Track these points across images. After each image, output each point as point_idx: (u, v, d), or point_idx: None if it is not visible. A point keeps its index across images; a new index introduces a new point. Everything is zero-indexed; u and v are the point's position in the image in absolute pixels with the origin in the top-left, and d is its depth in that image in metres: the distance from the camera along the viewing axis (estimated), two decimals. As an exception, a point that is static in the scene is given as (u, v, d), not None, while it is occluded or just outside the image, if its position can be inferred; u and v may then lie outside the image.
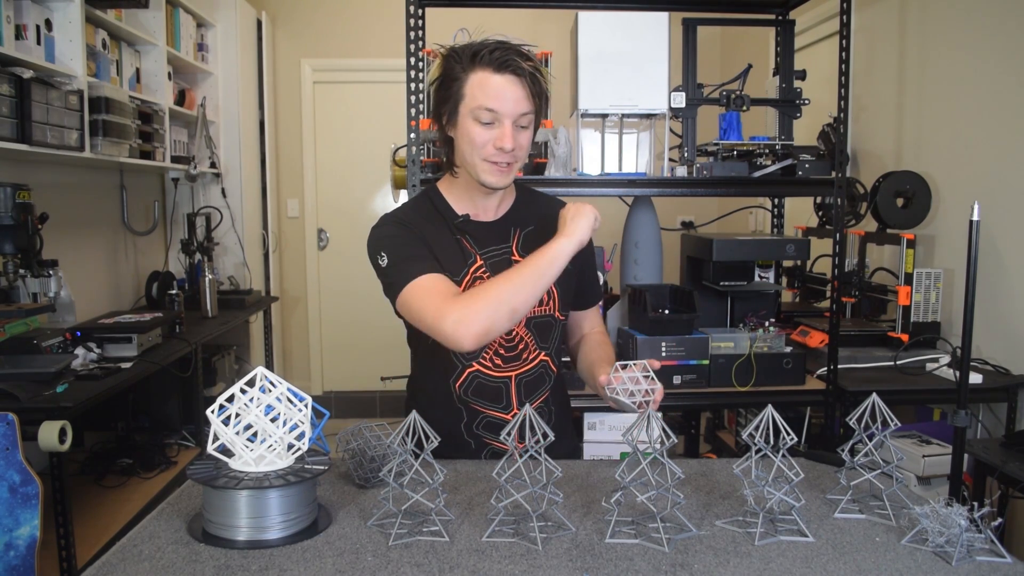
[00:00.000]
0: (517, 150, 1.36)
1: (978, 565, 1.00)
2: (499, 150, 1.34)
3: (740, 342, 2.29)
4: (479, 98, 1.33)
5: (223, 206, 3.89)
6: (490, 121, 1.33)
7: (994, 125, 2.41)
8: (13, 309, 2.27)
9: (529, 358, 1.47)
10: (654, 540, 1.06)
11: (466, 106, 1.35)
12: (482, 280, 1.40)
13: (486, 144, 1.34)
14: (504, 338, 1.44)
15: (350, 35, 4.67)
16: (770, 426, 1.10)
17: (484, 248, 1.45)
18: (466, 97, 1.34)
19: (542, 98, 1.38)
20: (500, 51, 1.33)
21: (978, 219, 1.47)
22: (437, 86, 1.40)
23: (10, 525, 1.70)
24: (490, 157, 1.35)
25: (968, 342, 1.53)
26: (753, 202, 3.32)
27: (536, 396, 1.48)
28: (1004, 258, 2.37)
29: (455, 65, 1.36)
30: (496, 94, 1.32)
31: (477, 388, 1.45)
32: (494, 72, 1.32)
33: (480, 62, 1.33)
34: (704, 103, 2.38)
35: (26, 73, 2.22)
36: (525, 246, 1.47)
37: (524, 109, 1.34)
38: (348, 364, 4.90)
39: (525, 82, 1.33)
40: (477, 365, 1.44)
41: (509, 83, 1.32)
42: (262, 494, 1.05)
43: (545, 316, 1.48)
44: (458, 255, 1.43)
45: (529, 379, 1.47)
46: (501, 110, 1.32)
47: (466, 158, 1.38)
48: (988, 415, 2.40)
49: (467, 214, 1.46)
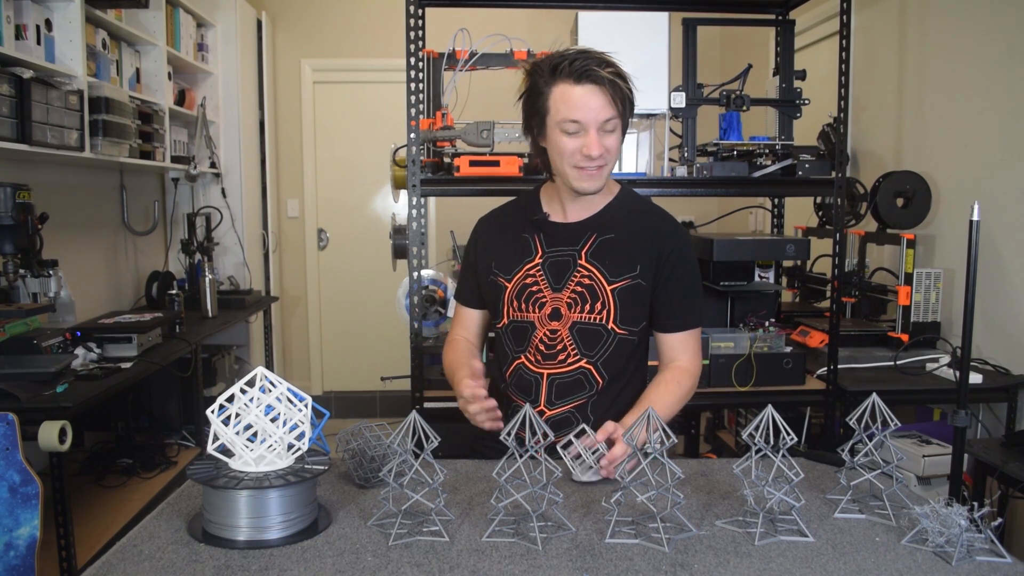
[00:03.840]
0: (605, 154, 1.41)
1: (978, 565, 1.00)
2: (587, 157, 1.39)
3: (740, 342, 2.29)
4: (563, 111, 1.38)
5: (223, 206, 3.89)
6: (576, 131, 1.39)
7: (994, 125, 2.41)
8: (13, 309, 2.27)
9: (567, 361, 1.49)
10: (654, 540, 1.06)
11: (552, 119, 1.40)
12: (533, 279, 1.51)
13: (575, 153, 1.40)
14: (546, 335, 1.49)
15: (350, 35, 4.67)
16: (770, 426, 1.10)
17: (551, 247, 1.51)
18: (551, 111, 1.40)
19: (625, 102, 1.41)
20: (579, 61, 1.37)
21: (978, 219, 1.47)
22: (524, 100, 1.46)
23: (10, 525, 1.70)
24: (579, 164, 1.41)
25: (968, 342, 1.53)
26: (753, 202, 3.32)
27: (568, 400, 1.49)
28: (1004, 258, 2.37)
29: (538, 79, 1.41)
30: (579, 105, 1.37)
31: (518, 380, 1.52)
32: (575, 84, 1.37)
33: (561, 75, 1.38)
34: (704, 103, 2.38)
35: (26, 73, 2.22)
36: (597, 254, 1.49)
37: (607, 115, 1.38)
38: (348, 364, 4.90)
39: (606, 89, 1.37)
40: (523, 358, 1.51)
41: (590, 92, 1.37)
42: (262, 494, 1.05)
43: (593, 324, 1.48)
44: (519, 252, 1.52)
45: (564, 381, 1.49)
46: (585, 119, 1.38)
47: (557, 167, 1.45)
48: (988, 415, 2.39)
49: (546, 213, 1.53)
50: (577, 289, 1.48)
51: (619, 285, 1.47)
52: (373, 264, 4.71)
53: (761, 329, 2.32)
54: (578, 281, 1.48)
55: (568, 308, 1.48)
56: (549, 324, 1.48)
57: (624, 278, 1.48)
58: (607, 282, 1.48)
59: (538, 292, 1.49)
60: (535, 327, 1.49)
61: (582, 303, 1.47)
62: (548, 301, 1.48)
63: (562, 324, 1.48)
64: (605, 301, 1.47)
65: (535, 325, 1.49)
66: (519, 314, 1.51)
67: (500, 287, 1.53)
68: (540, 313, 1.49)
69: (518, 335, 1.52)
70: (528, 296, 1.50)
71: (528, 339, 1.50)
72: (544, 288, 1.49)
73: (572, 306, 1.48)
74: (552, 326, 1.48)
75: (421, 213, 2.17)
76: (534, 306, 1.49)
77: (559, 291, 1.48)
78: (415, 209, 2.16)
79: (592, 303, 1.47)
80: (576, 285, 1.48)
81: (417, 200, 2.16)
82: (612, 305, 1.47)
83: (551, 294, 1.48)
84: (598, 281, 1.48)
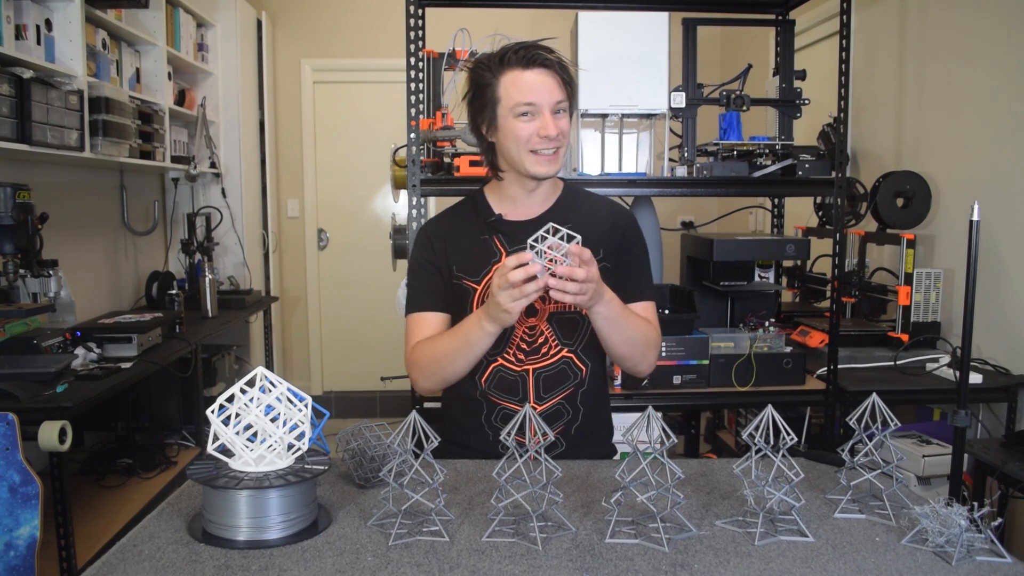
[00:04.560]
0: (560, 135, 1.42)
1: (978, 565, 1.00)
2: (544, 138, 1.41)
3: (740, 342, 2.29)
4: (515, 95, 1.40)
5: (223, 206, 3.89)
6: (529, 115, 1.40)
7: (994, 125, 2.41)
8: (13, 309, 2.27)
9: (550, 353, 1.49)
10: (654, 540, 1.06)
11: (504, 107, 1.42)
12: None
13: (531, 136, 1.41)
14: (526, 332, 1.49)
15: (350, 35, 4.68)
16: (770, 426, 1.10)
17: (514, 245, 1.49)
18: (502, 98, 1.41)
19: (571, 86, 1.45)
20: (524, 49, 1.41)
21: (978, 219, 1.47)
22: (471, 99, 1.47)
23: (10, 525, 1.70)
24: (536, 147, 1.42)
25: (968, 342, 1.53)
26: (753, 202, 3.32)
27: (556, 392, 1.50)
28: (1004, 258, 2.37)
29: (484, 73, 1.43)
30: (531, 87, 1.40)
31: (499, 382, 1.50)
32: (524, 69, 1.40)
33: (508, 63, 1.41)
34: (704, 103, 2.38)
35: (26, 73, 2.22)
36: None
37: (559, 97, 1.42)
38: (348, 364, 4.90)
39: (554, 72, 1.41)
40: (501, 360, 1.49)
41: (540, 75, 1.40)
42: (262, 494, 1.05)
43: (570, 312, 1.49)
44: (483, 255, 1.50)
45: (549, 374, 1.49)
46: (539, 101, 1.40)
47: (513, 155, 1.44)
48: (988, 415, 2.40)
49: (500, 214, 1.52)
50: None
51: None
52: (373, 264, 4.71)
53: (761, 329, 2.32)
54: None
55: (543, 301, 1.47)
56: (527, 321, 1.48)
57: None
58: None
59: None
60: (513, 327, 1.47)
61: None
62: None
63: (538, 318, 1.48)
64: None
65: (513, 325, 1.47)
66: None
67: (468, 290, 1.50)
68: None
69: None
70: None
71: (505, 340, 1.48)
72: None
73: (546, 298, 1.47)
74: (530, 322, 1.48)
75: (421, 213, 2.17)
76: None
77: None
78: (415, 209, 2.16)
79: None
80: None
81: (417, 200, 2.16)
82: None
83: None
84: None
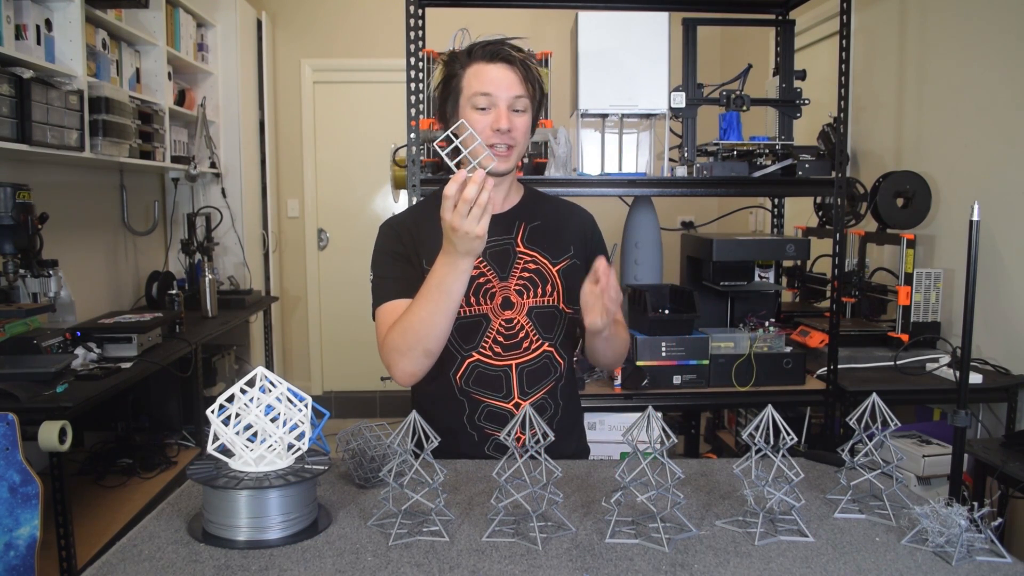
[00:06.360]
0: (514, 132, 1.42)
1: (978, 565, 1.00)
2: (496, 132, 1.41)
3: (740, 342, 2.29)
4: (474, 86, 1.42)
5: (223, 206, 3.89)
6: (486, 107, 1.42)
7: (994, 125, 2.41)
8: (13, 309, 2.27)
9: (531, 348, 1.49)
10: (654, 540, 1.06)
11: (464, 97, 1.43)
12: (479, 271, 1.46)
13: (484, 129, 1.41)
14: (502, 325, 1.48)
15: (350, 35, 4.67)
16: (770, 426, 1.10)
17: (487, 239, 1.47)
18: (464, 89, 1.44)
19: (536, 85, 1.46)
20: (492, 44, 1.43)
21: (978, 219, 1.47)
22: (440, 88, 1.49)
23: (10, 525, 1.70)
24: (490, 141, 1.41)
25: (968, 342, 1.53)
26: (753, 202, 3.32)
27: (539, 387, 1.49)
28: (1004, 258, 2.37)
29: (454, 64, 1.46)
30: (491, 79, 1.41)
31: (478, 378, 1.48)
32: (487, 63, 1.43)
33: (475, 56, 1.44)
34: (704, 103, 2.38)
35: (26, 73, 2.22)
36: (532, 239, 1.51)
37: (517, 92, 1.42)
38: (348, 364, 4.90)
39: (517, 69, 1.43)
40: (477, 355, 1.47)
41: (501, 70, 1.42)
42: (262, 494, 1.05)
43: (548, 307, 1.49)
44: None
45: (531, 368, 1.49)
46: (495, 93, 1.41)
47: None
48: (988, 415, 2.39)
49: None
50: (524, 275, 1.49)
51: (562, 265, 1.51)
52: (373, 264, 4.71)
53: (761, 329, 2.32)
54: (523, 267, 1.49)
55: (519, 295, 1.48)
56: (503, 314, 1.48)
57: (564, 259, 1.52)
58: (551, 264, 1.50)
59: (487, 283, 1.48)
60: (489, 319, 1.47)
61: (533, 288, 1.49)
62: (498, 291, 1.48)
63: (516, 312, 1.48)
64: (554, 283, 1.49)
65: (489, 317, 1.47)
66: (470, 309, 1.47)
67: None
68: (492, 304, 1.48)
69: (467, 332, 1.48)
70: (477, 289, 1.47)
71: (481, 334, 1.48)
72: (492, 278, 1.48)
73: (524, 292, 1.48)
74: (506, 315, 1.48)
75: (421, 213, 2.17)
76: (486, 298, 1.48)
77: (506, 279, 1.48)
78: (415, 209, 2.16)
79: (543, 286, 1.49)
80: (522, 271, 1.49)
81: (417, 200, 2.16)
82: (560, 286, 1.50)
83: (499, 283, 1.48)
84: (543, 264, 1.50)
